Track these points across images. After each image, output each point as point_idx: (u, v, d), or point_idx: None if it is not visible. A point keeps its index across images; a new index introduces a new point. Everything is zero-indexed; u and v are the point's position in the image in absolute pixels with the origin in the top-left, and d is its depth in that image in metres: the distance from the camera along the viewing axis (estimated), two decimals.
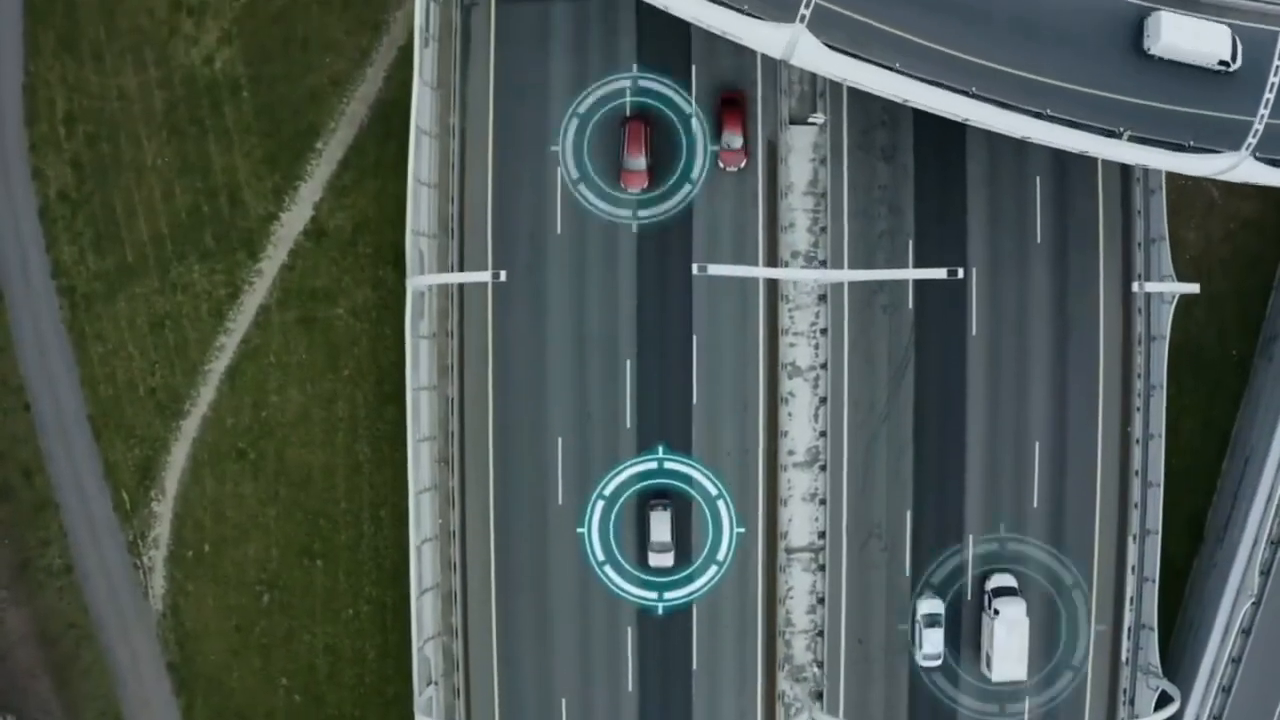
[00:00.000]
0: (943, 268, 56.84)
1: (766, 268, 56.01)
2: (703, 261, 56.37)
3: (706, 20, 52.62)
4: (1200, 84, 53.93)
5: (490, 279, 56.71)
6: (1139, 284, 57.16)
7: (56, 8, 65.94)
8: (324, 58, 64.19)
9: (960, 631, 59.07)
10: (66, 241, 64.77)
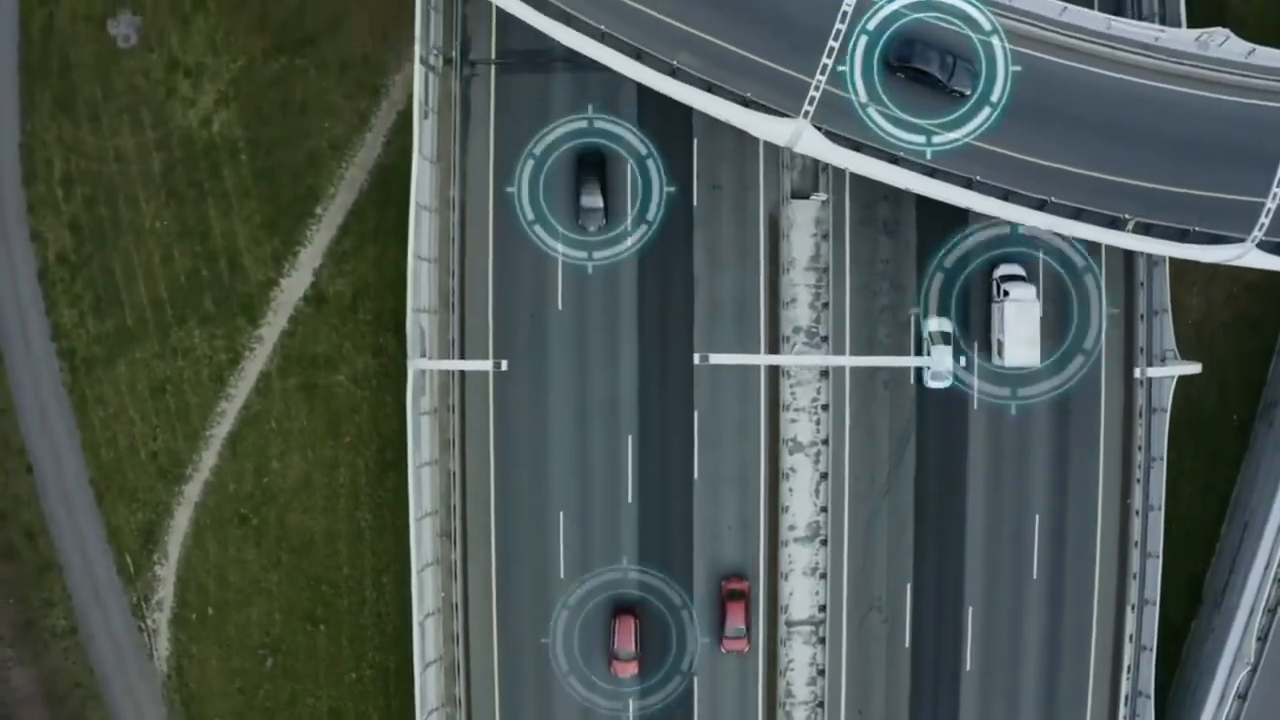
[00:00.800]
0: None
1: (768, 355, 56.10)
2: (704, 351, 56.44)
3: (710, 109, 52.51)
4: (1206, 165, 54.04)
5: (492, 368, 56.75)
6: (1140, 370, 57.18)
7: (52, 66, 65.50)
8: (322, 122, 63.86)
9: None
10: (66, 304, 64.70)
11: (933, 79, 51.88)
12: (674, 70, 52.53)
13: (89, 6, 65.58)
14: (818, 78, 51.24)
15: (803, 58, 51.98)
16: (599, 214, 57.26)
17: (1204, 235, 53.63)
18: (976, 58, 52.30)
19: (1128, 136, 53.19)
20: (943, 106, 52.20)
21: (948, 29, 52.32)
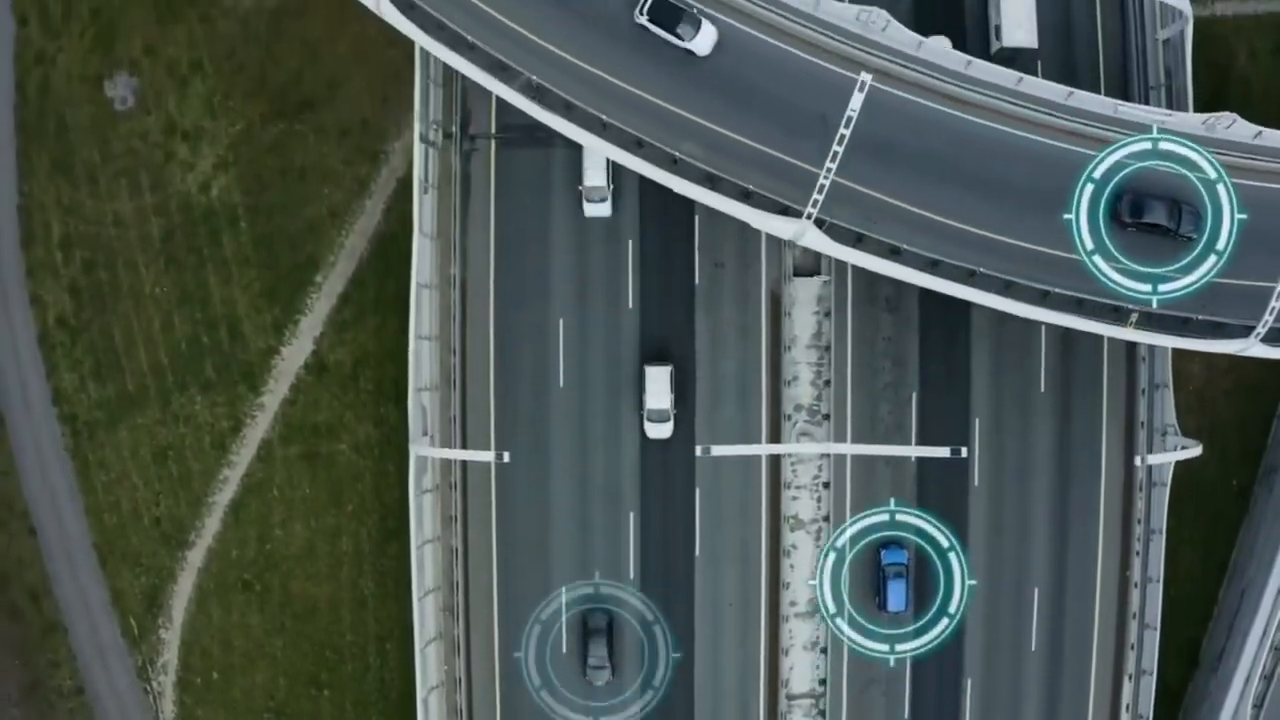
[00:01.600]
0: (946, 447, 57.12)
1: (770, 444, 56.21)
2: (706, 443, 56.52)
3: (713, 203, 52.26)
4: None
5: (494, 459, 56.80)
6: (1140, 458, 57.28)
7: (49, 127, 65.03)
8: (322, 188, 63.52)
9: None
10: (66, 369, 64.64)
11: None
12: (675, 160, 52.43)
13: (84, 67, 65.20)
14: (827, 164, 50.70)
15: (810, 147, 51.65)
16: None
17: (1206, 324, 53.72)
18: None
19: None
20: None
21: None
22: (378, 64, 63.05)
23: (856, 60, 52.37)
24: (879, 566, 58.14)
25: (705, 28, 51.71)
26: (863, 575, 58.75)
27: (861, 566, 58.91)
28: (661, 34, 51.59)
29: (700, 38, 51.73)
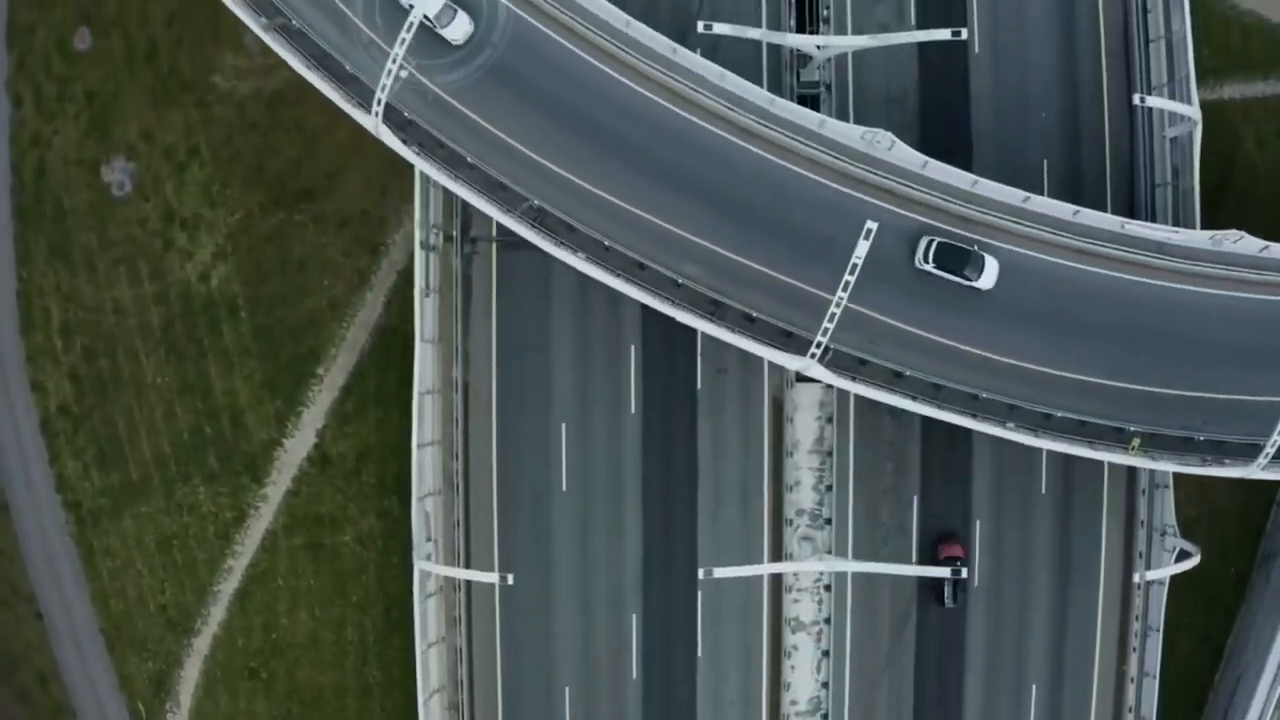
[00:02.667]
0: (946, 567, 57.31)
1: (771, 563, 56.44)
2: (709, 566, 56.75)
3: (715, 334, 52.06)
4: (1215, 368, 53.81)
5: (498, 580, 56.98)
6: (1140, 575, 57.54)
7: (46, 211, 64.66)
8: (322, 279, 63.25)
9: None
10: (69, 456, 64.75)
11: None
12: (678, 284, 52.20)
13: (81, 150, 64.70)
14: (839, 294, 50.12)
15: (818, 273, 51.45)
16: None
17: (1208, 443, 53.77)
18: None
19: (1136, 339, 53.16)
20: None
21: None
22: (376, 154, 61.84)
23: (861, 180, 52.46)
24: None
25: (989, 264, 51.45)
26: None
27: None
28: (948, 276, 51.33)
29: (985, 275, 51.35)
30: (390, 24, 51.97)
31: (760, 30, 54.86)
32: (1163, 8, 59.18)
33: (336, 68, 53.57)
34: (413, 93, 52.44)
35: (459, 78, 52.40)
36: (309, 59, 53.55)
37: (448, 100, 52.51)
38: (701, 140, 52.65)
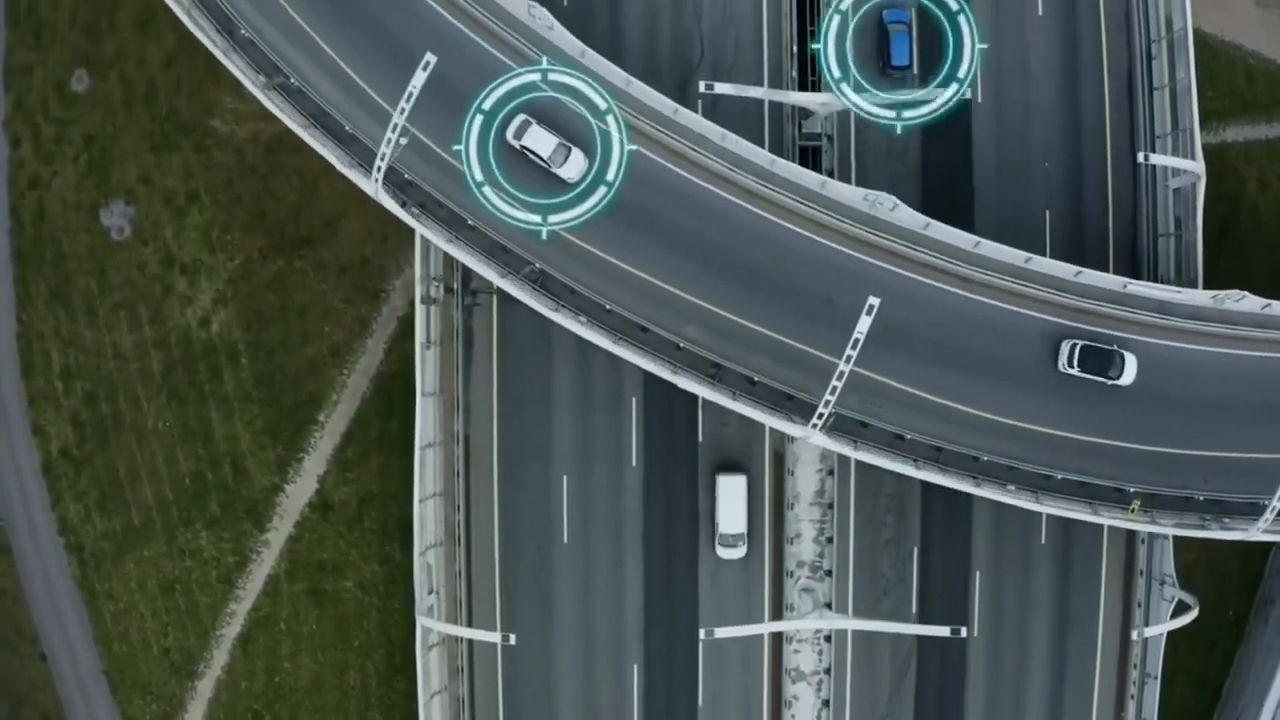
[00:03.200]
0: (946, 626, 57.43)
1: (772, 622, 56.63)
2: (710, 625, 56.93)
3: (717, 400, 52.08)
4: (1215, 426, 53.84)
5: (500, 640, 57.14)
6: (1138, 632, 57.71)
7: (45, 255, 64.49)
8: (322, 326, 63.14)
9: None
10: (71, 499, 64.79)
11: None
12: (678, 346, 52.15)
13: (79, 194, 64.44)
14: (841, 367, 50.26)
15: (819, 335, 51.47)
16: None
17: (1208, 503, 53.85)
18: None
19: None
20: None
21: None
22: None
23: (863, 241, 52.32)
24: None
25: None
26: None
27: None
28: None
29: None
30: (394, 85, 51.74)
31: (762, 89, 54.66)
32: (1167, 56, 58.97)
33: (335, 126, 53.50)
34: (413, 153, 52.27)
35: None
36: (307, 117, 53.43)
37: (449, 160, 52.49)
38: (703, 201, 52.59)
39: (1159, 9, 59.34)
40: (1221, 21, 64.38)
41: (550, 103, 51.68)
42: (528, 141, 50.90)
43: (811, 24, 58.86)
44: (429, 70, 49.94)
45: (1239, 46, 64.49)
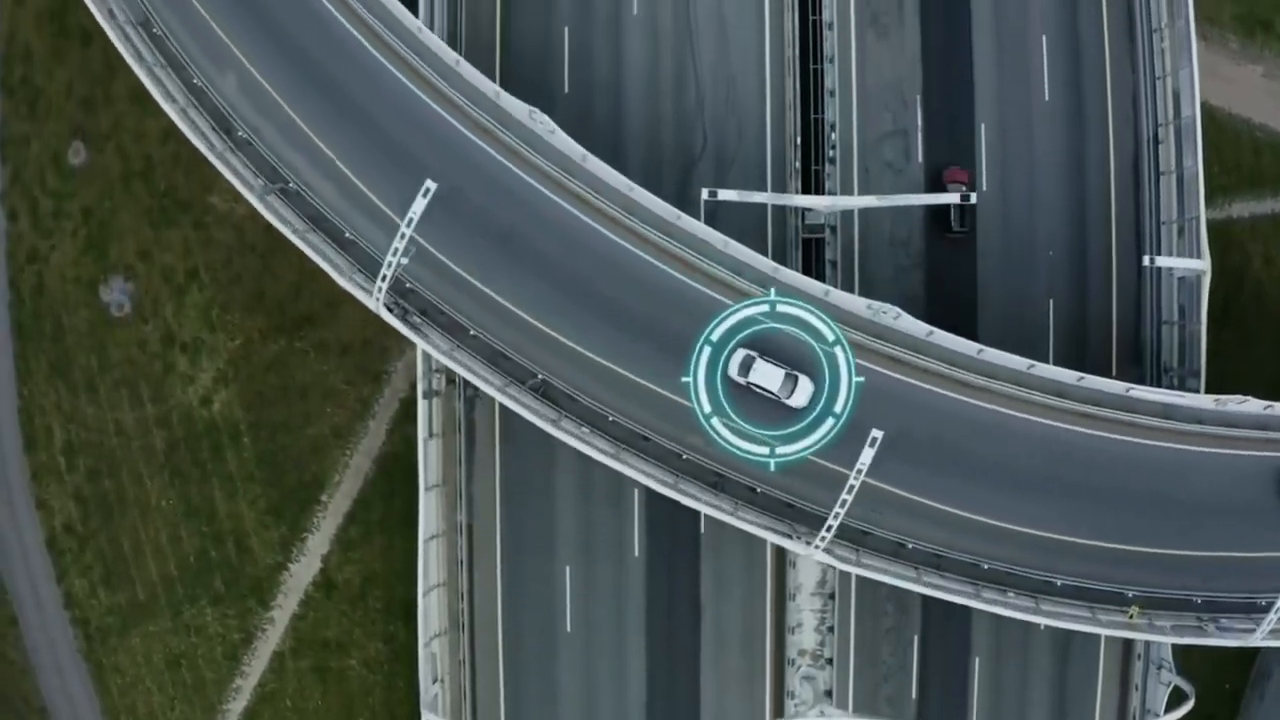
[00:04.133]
0: None
1: (775, 719, 57.56)
2: None
3: (720, 518, 51.96)
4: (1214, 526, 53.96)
5: None
6: (1135, 717, 58.18)
7: (45, 329, 64.35)
8: (324, 407, 63.11)
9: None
10: (77, 574, 65.10)
11: None
12: (681, 456, 52.16)
13: (78, 269, 64.23)
14: (843, 496, 50.22)
15: None
16: None
17: (1206, 604, 54.08)
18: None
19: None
20: None
21: None
22: None
23: (868, 349, 52.14)
24: None
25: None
26: None
27: None
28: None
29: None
30: (398, 193, 51.45)
31: (765, 194, 54.26)
32: (1174, 141, 58.48)
33: (334, 231, 53.26)
34: (413, 260, 51.96)
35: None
36: (305, 220, 53.01)
37: (452, 268, 52.23)
38: (708, 309, 52.29)
39: (1167, 94, 58.84)
40: (1229, 94, 63.72)
41: (775, 331, 51.18)
42: (755, 378, 50.58)
43: (816, 111, 58.59)
44: (429, 196, 49.76)
45: (1246, 120, 63.86)
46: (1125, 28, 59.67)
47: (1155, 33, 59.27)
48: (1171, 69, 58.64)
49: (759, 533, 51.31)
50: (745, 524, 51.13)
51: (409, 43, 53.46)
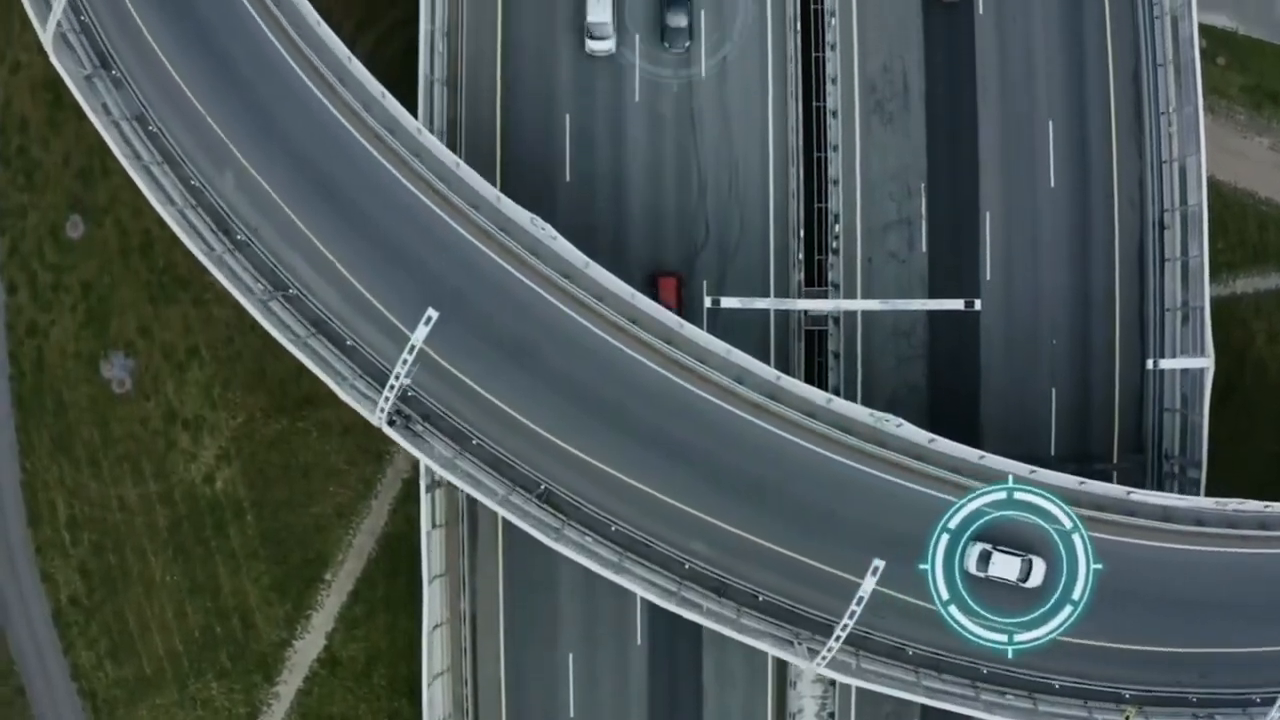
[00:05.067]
0: None
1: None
2: None
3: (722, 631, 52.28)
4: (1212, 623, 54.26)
5: None
6: None
7: (46, 404, 64.26)
8: (327, 486, 63.12)
9: None
10: (83, 646, 65.37)
11: None
12: (685, 565, 52.28)
13: (78, 344, 64.05)
14: (845, 620, 50.96)
15: (826, 548, 51.62)
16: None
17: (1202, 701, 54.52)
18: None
19: None
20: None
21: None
22: None
23: (870, 455, 52.17)
24: None
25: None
26: None
27: None
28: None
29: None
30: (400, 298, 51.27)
31: (768, 300, 54.09)
32: (1180, 229, 58.16)
33: (335, 335, 53.06)
34: (424, 371, 51.80)
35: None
36: (306, 325, 52.81)
37: (456, 375, 52.10)
38: (710, 415, 52.34)
39: (1174, 178, 58.39)
40: (1235, 168, 63.15)
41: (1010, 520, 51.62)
42: (994, 572, 51.08)
43: (819, 199, 58.16)
44: (430, 325, 50.04)
45: (1252, 194, 63.32)
46: (1133, 110, 59.20)
47: (1163, 115, 58.89)
48: (1179, 154, 58.22)
49: (760, 645, 51.52)
50: (746, 636, 51.30)
51: (408, 144, 53.11)
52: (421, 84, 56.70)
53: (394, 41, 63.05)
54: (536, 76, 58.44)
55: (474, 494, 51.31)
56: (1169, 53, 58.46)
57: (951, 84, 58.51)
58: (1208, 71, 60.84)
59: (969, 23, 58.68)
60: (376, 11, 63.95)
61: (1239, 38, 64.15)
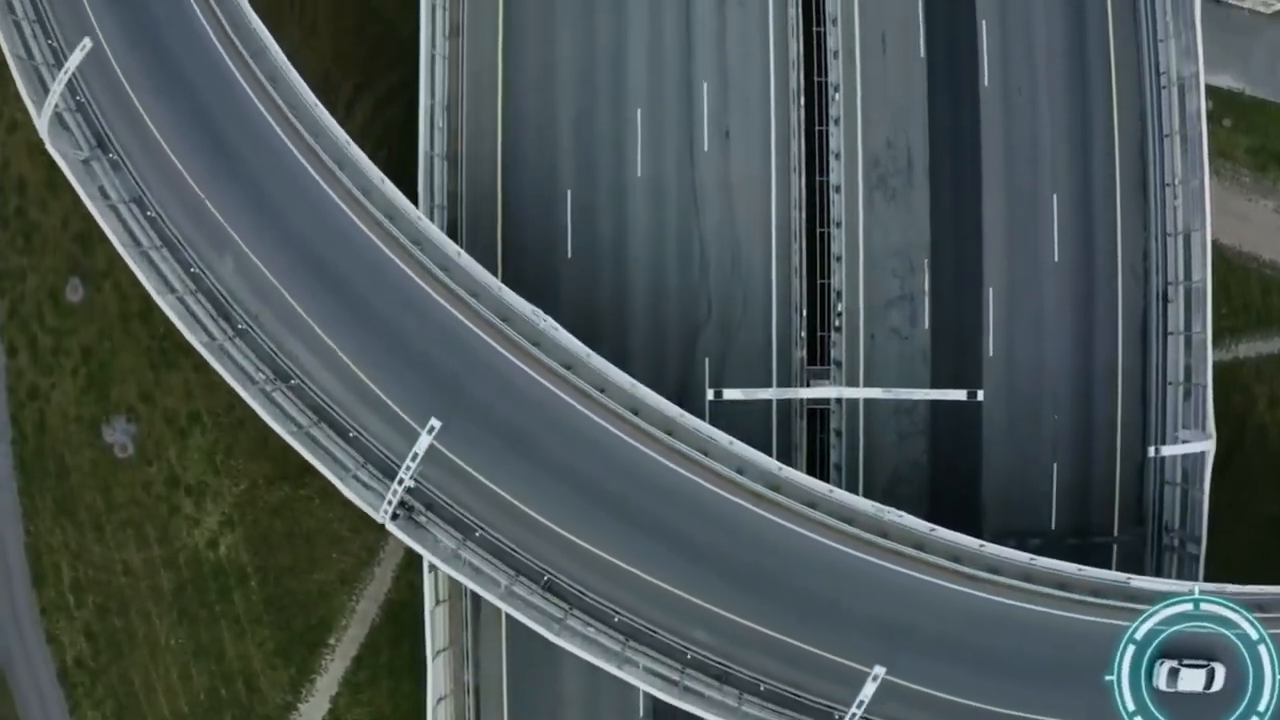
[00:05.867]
0: None
1: None
2: None
3: None
4: None
5: None
6: None
7: (49, 467, 64.36)
8: (330, 552, 63.28)
9: None
10: (89, 707, 65.72)
11: None
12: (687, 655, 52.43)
13: (80, 408, 64.05)
14: (861, 698, 50.94)
15: (828, 636, 51.52)
16: None
17: None
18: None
19: None
20: None
21: None
22: None
23: (871, 544, 52.18)
24: None
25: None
26: None
27: None
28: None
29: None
30: (403, 388, 51.25)
31: (771, 390, 53.93)
32: (1183, 302, 57.95)
33: (338, 424, 52.98)
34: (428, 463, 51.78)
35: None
36: (308, 413, 52.76)
37: (462, 466, 52.06)
38: (712, 504, 52.29)
39: (1178, 250, 58.12)
40: (1241, 232, 62.79)
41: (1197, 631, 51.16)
42: (1181, 688, 50.75)
43: (822, 276, 57.91)
44: (434, 434, 50.04)
45: (1256, 257, 63.00)
46: (1138, 182, 58.88)
47: (1168, 187, 58.58)
48: (1184, 227, 57.91)
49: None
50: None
51: (408, 231, 52.77)
52: (421, 161, 56.44)
53: (393, 105, 62.71)
54: (537, 150, 58.28)
55: (476, 589, 51.43)
56: (1175, 123, 57.97)
57: (956, 158, 58.14)
58: (1213, 133, 60.64)
59: (974, 95, 58.32)
60: (374, 74, 63.47)
61: (1245, 98, 63.64)
